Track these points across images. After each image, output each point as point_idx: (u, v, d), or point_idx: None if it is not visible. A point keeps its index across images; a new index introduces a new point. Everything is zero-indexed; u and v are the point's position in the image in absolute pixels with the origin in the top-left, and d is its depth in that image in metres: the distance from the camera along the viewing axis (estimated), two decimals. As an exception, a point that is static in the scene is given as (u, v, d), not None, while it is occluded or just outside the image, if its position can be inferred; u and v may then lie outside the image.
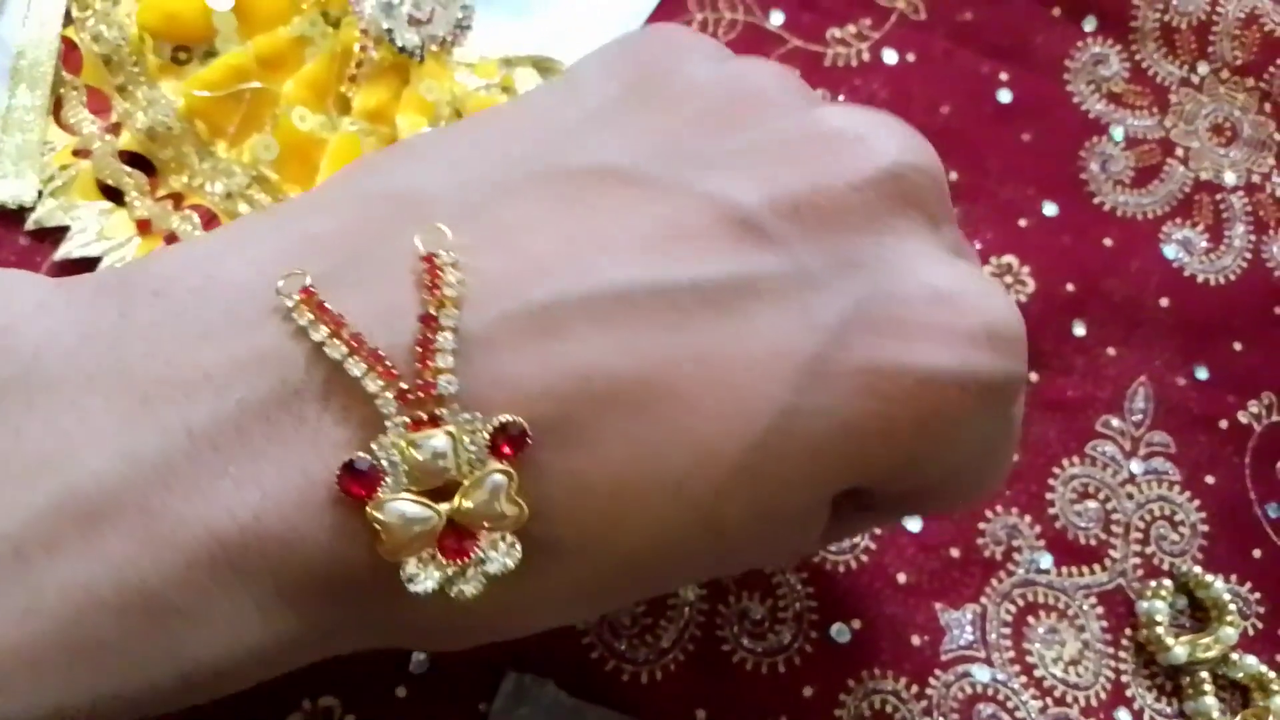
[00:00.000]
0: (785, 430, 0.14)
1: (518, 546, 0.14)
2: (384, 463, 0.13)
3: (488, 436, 0.13)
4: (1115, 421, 0.27)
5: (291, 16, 0.26)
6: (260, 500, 0.13)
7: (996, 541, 0.26)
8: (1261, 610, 0.26)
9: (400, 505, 0.13)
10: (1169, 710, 0.25)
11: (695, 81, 0.16)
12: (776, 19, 0.29)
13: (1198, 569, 0.26)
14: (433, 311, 0.13)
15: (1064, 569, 0.26)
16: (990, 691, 0.24)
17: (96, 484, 0.13)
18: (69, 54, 0.25)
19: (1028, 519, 0.26)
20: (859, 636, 0.24)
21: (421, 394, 0.13)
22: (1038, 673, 0.25)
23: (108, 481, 0.13)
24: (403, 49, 0.26)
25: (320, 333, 0.13)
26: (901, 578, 0.25)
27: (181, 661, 0.13)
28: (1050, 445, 0.27)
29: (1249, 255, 0.30)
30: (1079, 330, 0.28)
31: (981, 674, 0.24)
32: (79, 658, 0.13)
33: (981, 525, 0.26)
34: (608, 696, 0.22)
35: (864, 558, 0.25)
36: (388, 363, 0.13)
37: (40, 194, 0.24)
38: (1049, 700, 0.25)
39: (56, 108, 0.25)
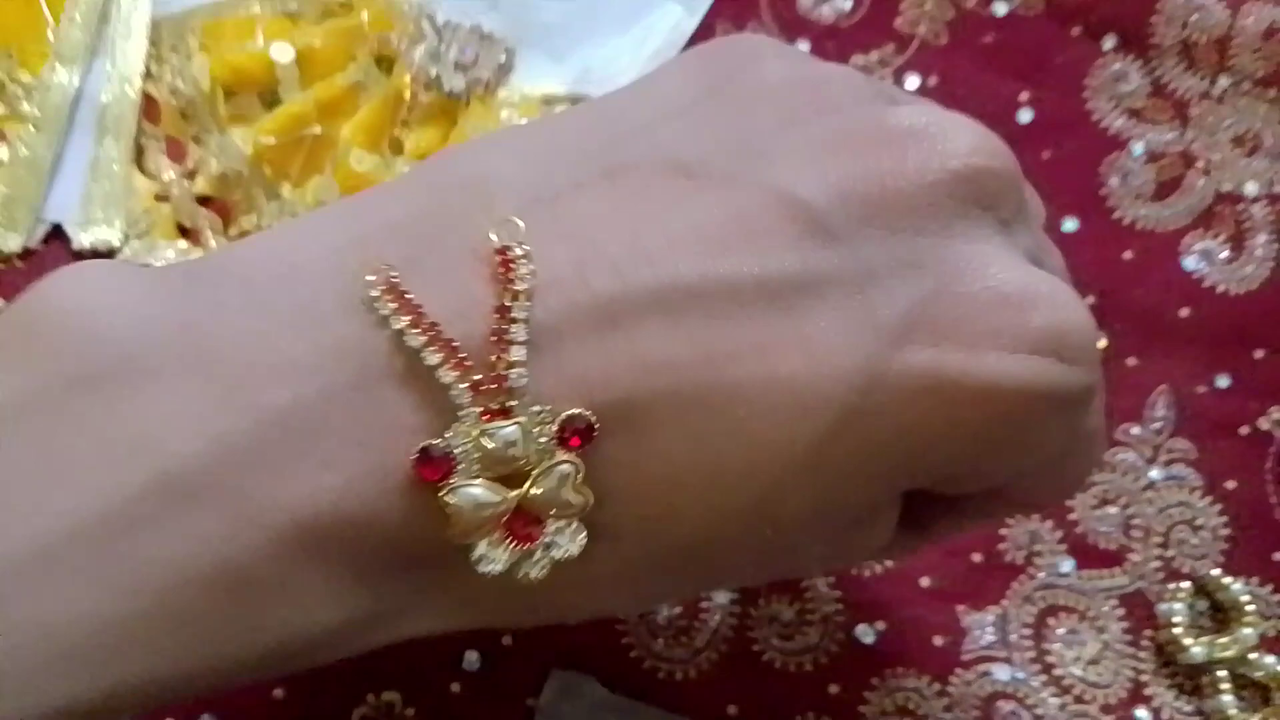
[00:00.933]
0: (844, 430, 0.14)
1: (583, 533, 0.14)
2: (457, 450, 0.14)
3: (556, 428, 0.14)
4: (1135, 430, 0.28)
5: (347, 64, 0.28)
6: (342, 484, 0.14)
7: (1018, 546, 0.27)
8: (1282, 611, 0.27)
9: (471, 490, 0.14)
10: (1188, 709, 0.26)
11: (768, 82, 0.16)
12: (802, 46, 0.31)
13: (1216, 571, 0.27)
14: (506, 303, 0.14)
15: (1085, 572, 0.27)
16: (1010, 689, 0.26)
17: (190, 466, 0.13)
18: (149, 106, 0.28)
19: (1049, 524, 0.27)
20: (883, 637, 0.25)
21: (494, 385, 0.14)
22: (1058, 672, 0.26)
23: (200, 464, 0.13)
24: (450, 93, 0.28)
25: (400, 322, 0.14)
26: (925, 581, 0.26)
27: (265, 635, 0.14)
28: (1071, 453, 0.28)
29: (1271, 264, 0.30)
30: (1100, 343, 0.29)
31: (1002, 673, 0.26)
32: (174, 631, 0.14)
33: (1003, 531, 0.27)
34: (646, 693, 0.24)
35: (889, 563, 0.26)
36: (462, 354, 0.14)
37: (126, 236, 0.27)
38: (1069, 698, 0.26)
39: (138, 156, 0.28)
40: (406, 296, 0.14)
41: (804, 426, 0.14)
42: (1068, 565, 0.27)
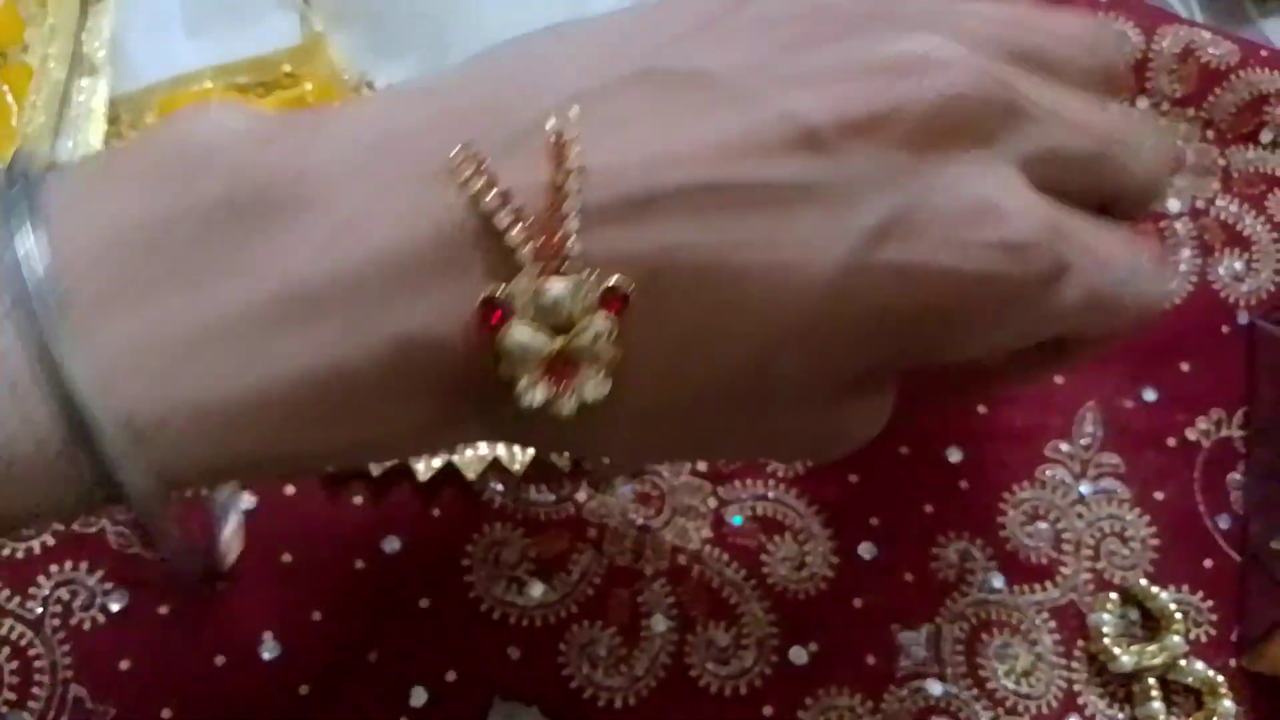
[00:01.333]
0: (829, 307, 0.18)
1: (609, 381, 0.17)
2: (515, 301, 0.17)
3: (599, 292, 0.17)
4: (1064, 446, 0.29)
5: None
6: (425, 318, 0.17)
7: (949, 565, 0.28)
8: (1214, 618, 0.28)
9: (522, 336, 0.17)
10: (1120, 716, 0.27)
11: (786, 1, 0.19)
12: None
13: (1144, 581, 0.28)
14: (560, 182, 0.17)
15: (1016, 587, 0.28)
16: (943, 704, 0.27)
17: (310, 287, 0.16)
18: (110, 181, 0.29)
19: (979, 542, 0.28)
20: (816, 658, 0.27)
21: (552, 250, 0.17)
22: (990, 685, 0.27)
23: (318, 286, 0.16)
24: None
25: (477, 188, 0.17)
26: (858, 602, 0.27)
27: (362, 428, 0.17)
28: (1001, 472, 0.29)
29: (1195, 278, 0.31)
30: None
31: (934, 688, 0.27)
32: (296, 416, 0.17)
33: (934, 550, 0.28)
34: (586, 721, 0.25)
35: (823, 585, 0.27)
36: (528, 220, 0.16)
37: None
38: (1001, 710, 0.27)
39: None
40: (483, 168, 0.17)
41: (795, 302, 0.17)
42: (999, 581, 0.28)
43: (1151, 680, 0.27)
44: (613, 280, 0.17)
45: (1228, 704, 0.27)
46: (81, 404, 0.15)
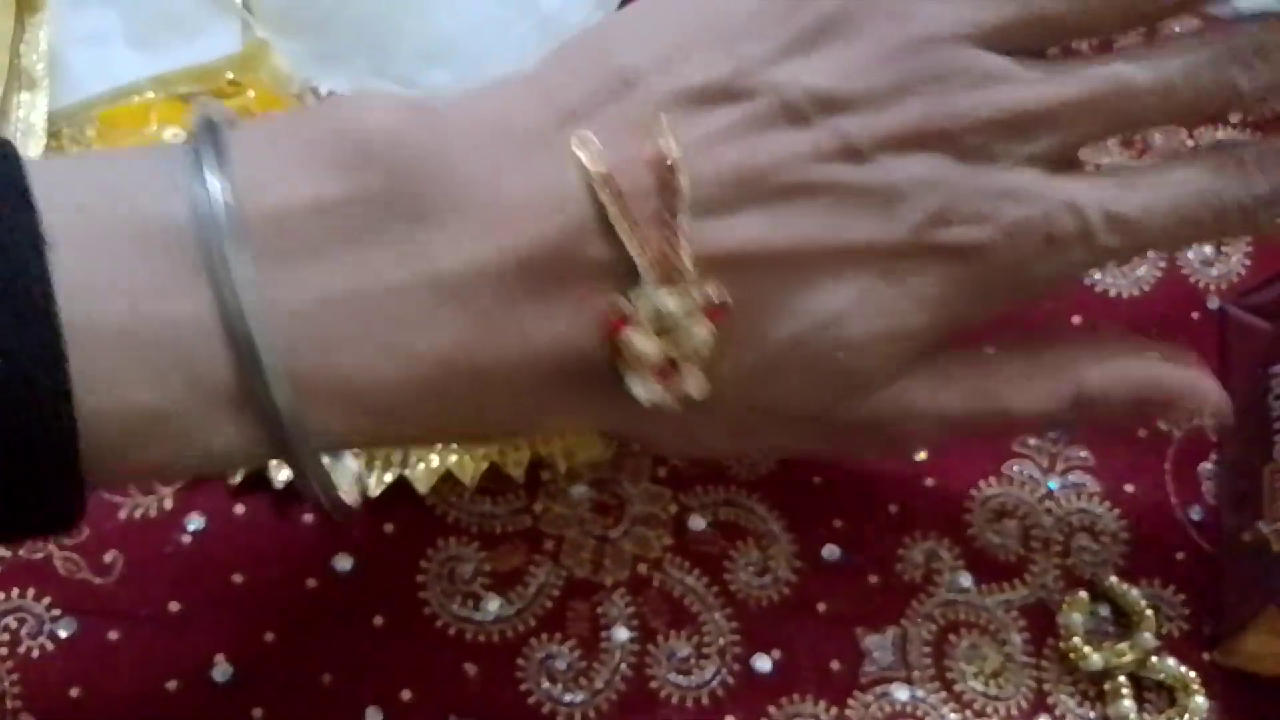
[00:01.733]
0: (886, 278, 0.21)
1: (707, 381, 0.20)
2: (634, 307, 0.19)
3: (704, 304, 0.19)
4: (1032, 440, 0.29)
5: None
6: (551, 317, 0.19)
7: (915, 566, 0.27)
8: (1186, 612, 0.27)
9: (638, 339, 0.19)
10: (1092, 715, 0.26)
11: (855, 16, 0.21)
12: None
13: (1114, 577, 0.27)
14: (670, 200, 0.19)
15: (984, 586, 0.27)
16: (910, 709, 0.26)
17: (454, 280, 0.18)
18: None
19: (946, 541, 0.28)
20: (779, 665, 0.26)
21: (667, 262, 0.19)
22: (958, 687, 0.26)
23: (461, 280, 0.18)
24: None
25: (602, 198, 0.19)
26: (822, 606, 0.27)
27: (490, 414, 0.20)
28: (967, 469, 0.28)
29: (1164, 264, 0.30)
30: (992, 355, 0.29)
31: (901, 693, 0.26)
32: (428, 398, 0.19)
33: (900, 551, 0.27)
34: (546, 737, 0.25)
35: (786, 590, 0.27)
36: (645, 234, 0.19)
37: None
38: (969, 713, 0.26)
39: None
40: (607, 178, 0.19)
41: (855, 278, 0.21)
42: (966, 580, 0.27)
43: (1123, 678, 0.26)
44: (717, 296, 0.19)
45: (1200, 700, 0.26)
46: (257, 356, 0.17)
